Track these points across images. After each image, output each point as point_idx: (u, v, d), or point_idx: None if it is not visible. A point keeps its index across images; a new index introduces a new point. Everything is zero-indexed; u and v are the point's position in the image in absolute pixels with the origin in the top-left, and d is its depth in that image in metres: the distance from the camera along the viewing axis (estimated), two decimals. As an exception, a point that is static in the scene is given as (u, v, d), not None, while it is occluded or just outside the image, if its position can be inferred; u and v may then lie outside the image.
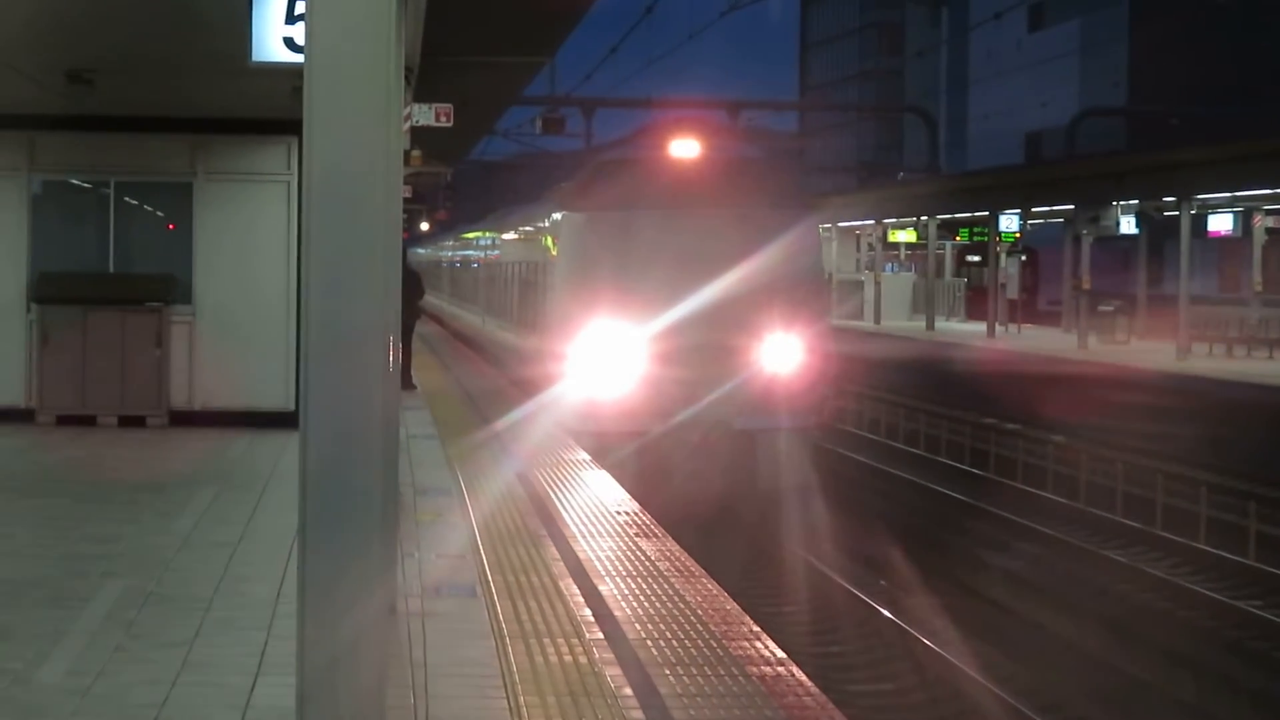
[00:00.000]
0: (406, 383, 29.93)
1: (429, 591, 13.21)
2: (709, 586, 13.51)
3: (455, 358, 45.83)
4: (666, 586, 13.58)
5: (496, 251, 44.39)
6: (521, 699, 10.16)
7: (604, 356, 27.54)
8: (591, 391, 27.48)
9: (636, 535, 16.07)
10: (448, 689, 10.35)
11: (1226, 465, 29.63)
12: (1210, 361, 42.84)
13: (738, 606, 12.77)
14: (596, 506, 17.93)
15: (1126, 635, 22.13)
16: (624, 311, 27.47)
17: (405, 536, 14.87)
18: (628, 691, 10.35)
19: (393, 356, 8.64)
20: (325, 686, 5.69)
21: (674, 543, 15.88)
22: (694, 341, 27.23)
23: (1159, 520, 28.05)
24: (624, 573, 14.21)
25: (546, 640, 11.73)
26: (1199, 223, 47.60)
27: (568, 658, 11.23)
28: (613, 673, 10.79)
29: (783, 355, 28.14)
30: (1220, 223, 48.38)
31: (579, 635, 11.93)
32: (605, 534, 16.13)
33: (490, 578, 13.83)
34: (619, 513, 17.44)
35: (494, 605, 12.81)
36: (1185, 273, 46.16)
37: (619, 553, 15.16)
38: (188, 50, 18.07)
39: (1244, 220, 46.85)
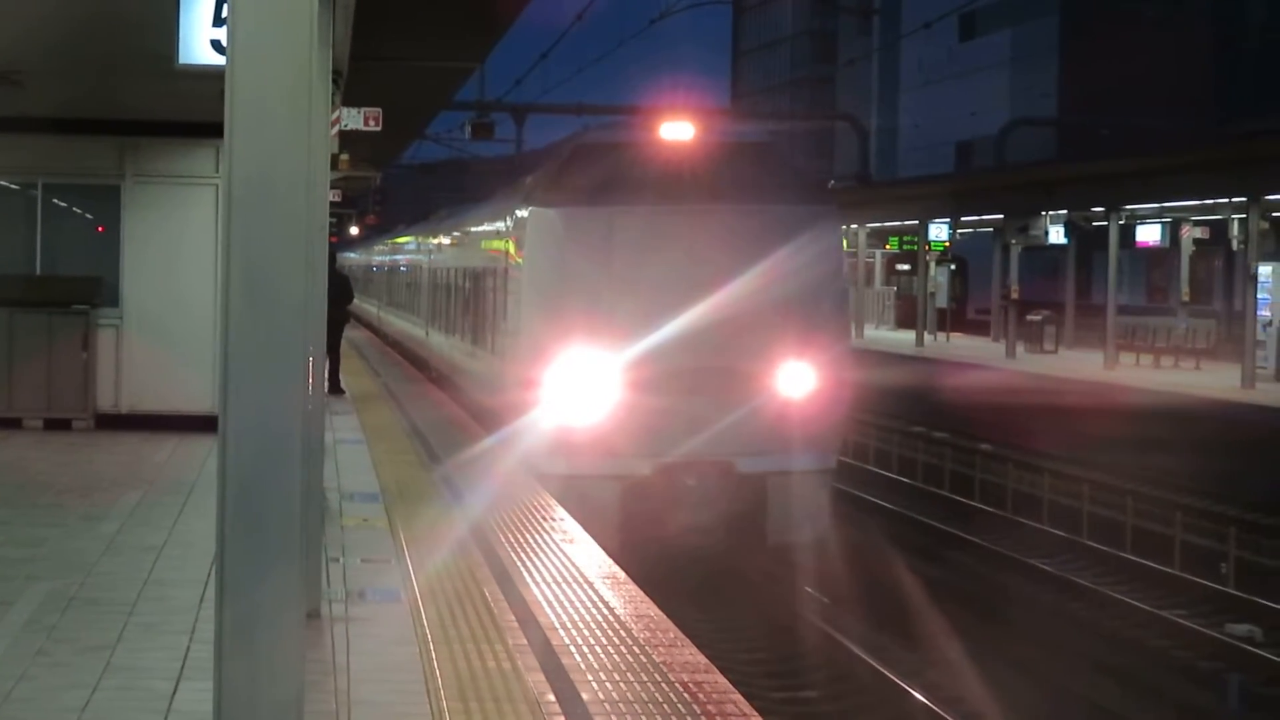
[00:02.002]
0: (335, 388, 29.90)
1: (353, 596, 13.21)
2: (634, 592, 13.51)
3: (386, 363, 45.71)
4: (590, 593, 13.59)
5: (445, 255, 37.62)
6: (445, 704, 10.18)
7: (579, 383, 21.85)
8: (563, 425, 22.00)
9: (563, 541, 16.09)
10: (371, 694, 10.36)
11: (1146, 474, 29.93)
12: (1137, 371, 43.12)
13: (661, 613, 12.78)
14: (525, 511, 17.97)
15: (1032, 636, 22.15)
16: (604, 329, 21.89)
17: (330, 541, 14.86)
18: (550, 698, 10.37)
19: (315, 362, 8.63)
20: (244, 692, 5.68)
21: (599, 549, 15.68)
22: (690, 366, 21.89)
23: (1085, 530, 28.29)
24: (549, 579, 14.21)
25: (470, 645, 11.74)
26: (1127, 233, 47.90)
27: (491, 663, 11.25)
28: (536, 679, 10.82)
29: (797, 383, 22.42)
30: (1148, 233, 48.70)
31: (503, 641, 11.95)
32: (530, 535, 16.16)
33: (415, 583, 13.82)
34: (545, 519, 17.46)
35: (418, 610, 12.81)
36: (1113, 283, 46.46)
37: (544, 558, 15.17)
38: (116, 52, 18.05)
39: (1172, 231, 47.13)
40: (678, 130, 23.43)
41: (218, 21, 9.29)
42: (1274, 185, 37.53)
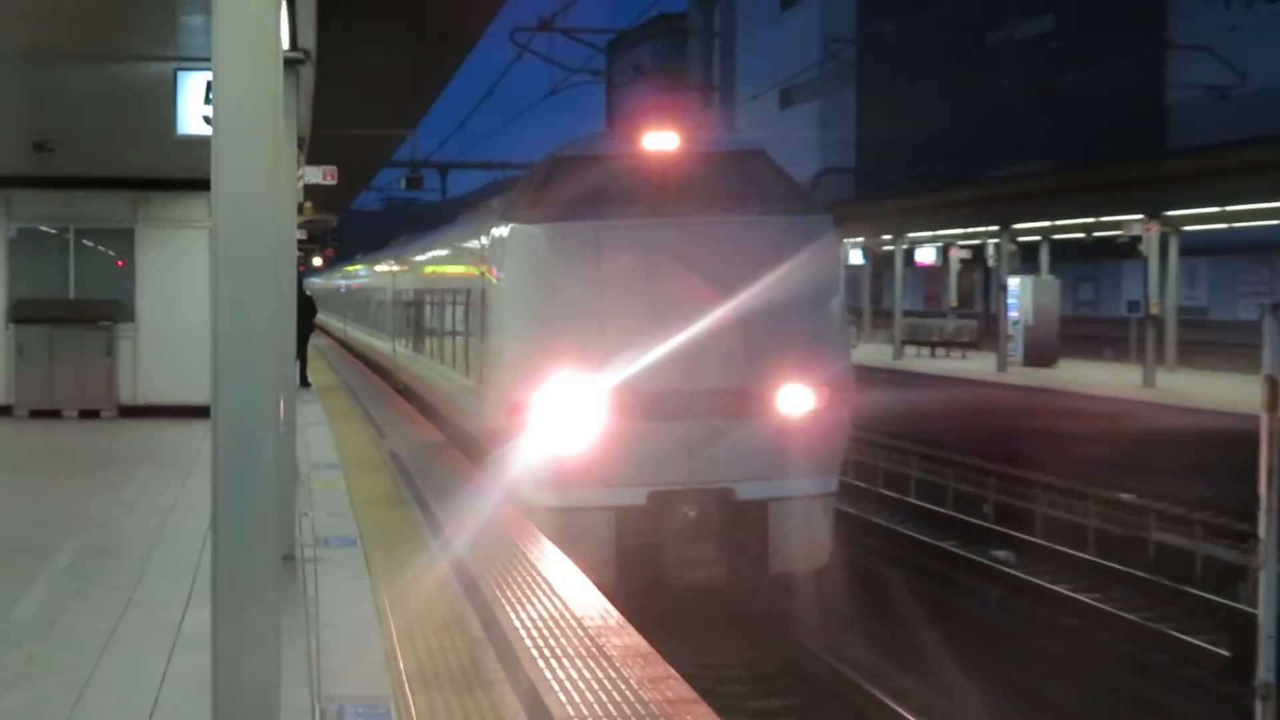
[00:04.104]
0: (303, 382, 29.77)
1: (320, 542, 13.18)
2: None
3: (345, 365, 45.44)
4: (510, 546, 13.54)
5: (411, 277, 31.10)
6: (391, 620, 10.19)
7: (566, 407, 16.34)
8: (550, 454, 16.42)
9: (467, 485, 16.06)
10: (332, 617, 10.34)
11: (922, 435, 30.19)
12: (919, 360, 43.53)
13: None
14: (448, 466, 17.97)
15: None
16: (592, 350, 16.42)
17: (301, 501, 14.81)
18: (473, 615, 10.38)
19: (286, 362, 8.64)
20: (235, 619, 5.69)
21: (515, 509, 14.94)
22: (685, 388, 16.43)
23: (880, 480, 28.48)
24: (472, 526, 14.20)
25: (406, 575, 11.76)
26: (909, 255, 48.19)
27: (424, 586, 11.28)
28: (456, 592, 10.85)
29: (798, 403, 16.88)
30: (925, 255, 48.92)
31: (438, 567, 11.97)
32: (445, 476, 16.12)
33: (369, 535, 13.80)
34: (462, 474, 17.41)
35: (368, 552, 12.80)
36: (899, 293, 46.98)
37: (466, 509, 15.14)
38: (128, 125, 17.95)
39: (943, 253, 47.44)
40: (662, 139, 17.51)
41: (207, 101, 9.30)
42: (1019, 217, 37.92)
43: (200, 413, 7.46)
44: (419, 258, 29.89)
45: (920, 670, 16.01)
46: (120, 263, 25.23)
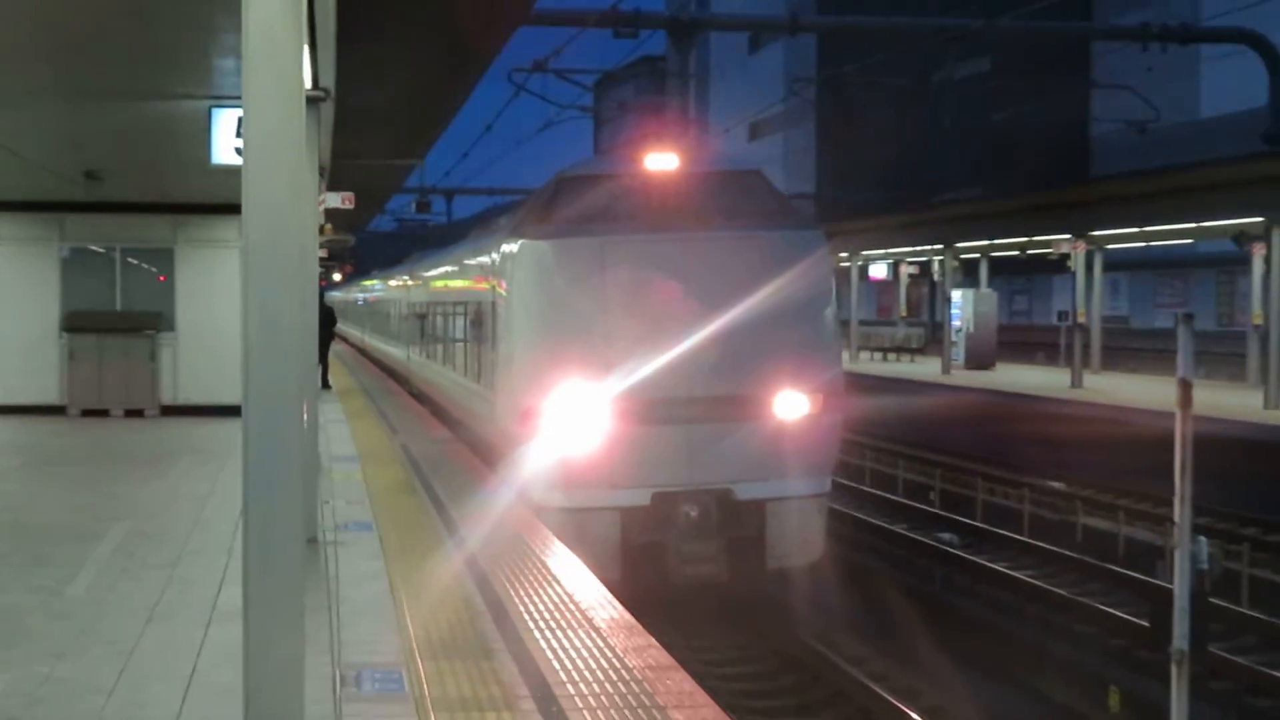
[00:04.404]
0: (324, 385, 29.75)
1: (339, 527, 13.19)
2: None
3: (363, 370, 45.37)
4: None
5: (426, 290, 29.77)
6: (403, 595, 10.20)
7: (573, 413, 15.54)
8: (558, 457, 15.59)
9: (476, 479, 16.06)
10: (351, 593, 10.36)
11: (874, 430, 30.22)
12: (872, 364, 43.59)
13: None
14: (454, 456, 17.97)
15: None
16: (598, 359, 15.64)
17: (323, 490, 14.81)
18: (478, 594, 10.40)
19: (309, 366, 8.67)
20: (264, 594, 5.69)
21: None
22: (686, 394, 15.69)
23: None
24: (475, 515, 14.20)
25: (416, 555, 11.76)
26: (864, 270, 48.24)
27: (432, 565, 11.29)
28: (461, 570, 10.86)
29: (793, 408, 16.11)
30: (878, 270, 48.95)
31: (445, 549, 11.98)
32: (453, 469, 16.13)
33: (383, 520, 13.81)
34: (467, 464, 17.41)
35: (383, 536, 12.80)
36: (855, 304, 47.04)
37: (469, 497, 15.16)
38: (168, 156, 17.94)
39: (894, 268, 47.51)
40: (662, 160, 16.85)
41: (238, 134, 9.33)
42: (961, 236, 37.98)
43: (233, 412, 7.43)
44: (431, 272, 29.27)
45: (879, 640, 16.08)
46: (162, 278, 25.26)
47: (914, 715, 13.18)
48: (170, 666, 8.44)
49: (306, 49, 8.69)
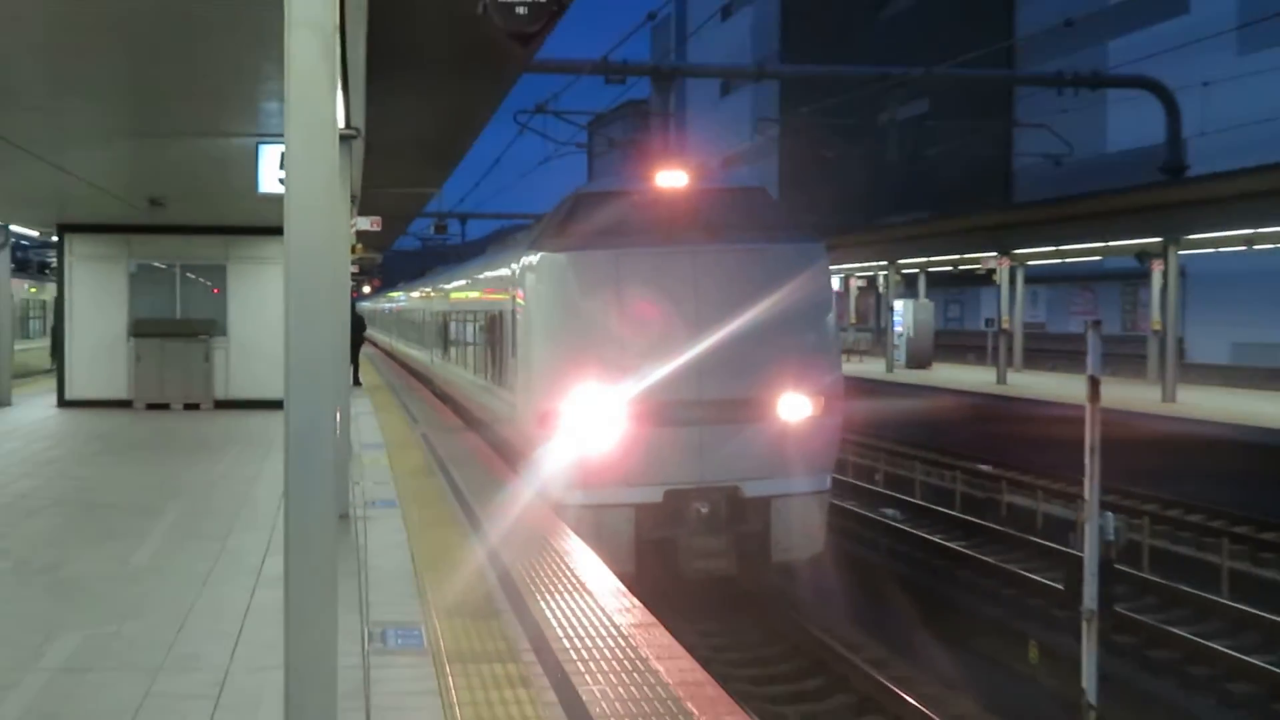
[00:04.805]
0: (355, 381, 29.72)
1: (368, 504, 13.18)
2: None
3: (390, 371, 45.27)
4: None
5: (447, 300, 28.17)
6: (419, 562, 10.19)
7: (591, 416, 14.50)
8: (577, 457, 14.50)
9: (490, 469, 16.04)
10: (378, 561, 10.35)
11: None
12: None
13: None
14: (466, 437, 18.00)
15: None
16: (614, 364, 14.58)
17: (353, 471, 14.80)
18: (487, 563, 10.39)
19: (342, 366, 8.66)
20: (302, 562, 5.68)
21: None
22: (696, 398, 14.64)
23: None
24: (488, 495, 14.19)
25: (437, 529, 11.74)
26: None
27: (451, 536, 11.26)
28: (477, 550, 10.86)
29: (796, 411, 15.01)
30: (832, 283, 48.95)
31: (458, 524, 11.96)
32: (461, 448, 16.12)
33: (406, 498, 13.79)
34: (477, 450, 17.40)
35: (405, 511, 12.79)
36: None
37: (481, 480, 15.14)
38: (220, 185, 17.94)
39: (844, 281, 47.50)
40: (672, 178, 15.72)
41: (281, 167, 9.31)
42: (903, 254, 38.01)
43: (276, 405, 7.46)
44: (452, 284, 28.40)
45: (832, 600, 16.08)
46: (215, 290, 25.25)
47: (859, 662, 13.17)
48: (221, 625, 8.43)
49: (340, 94, 8.68)
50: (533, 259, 15.58)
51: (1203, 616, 14.79)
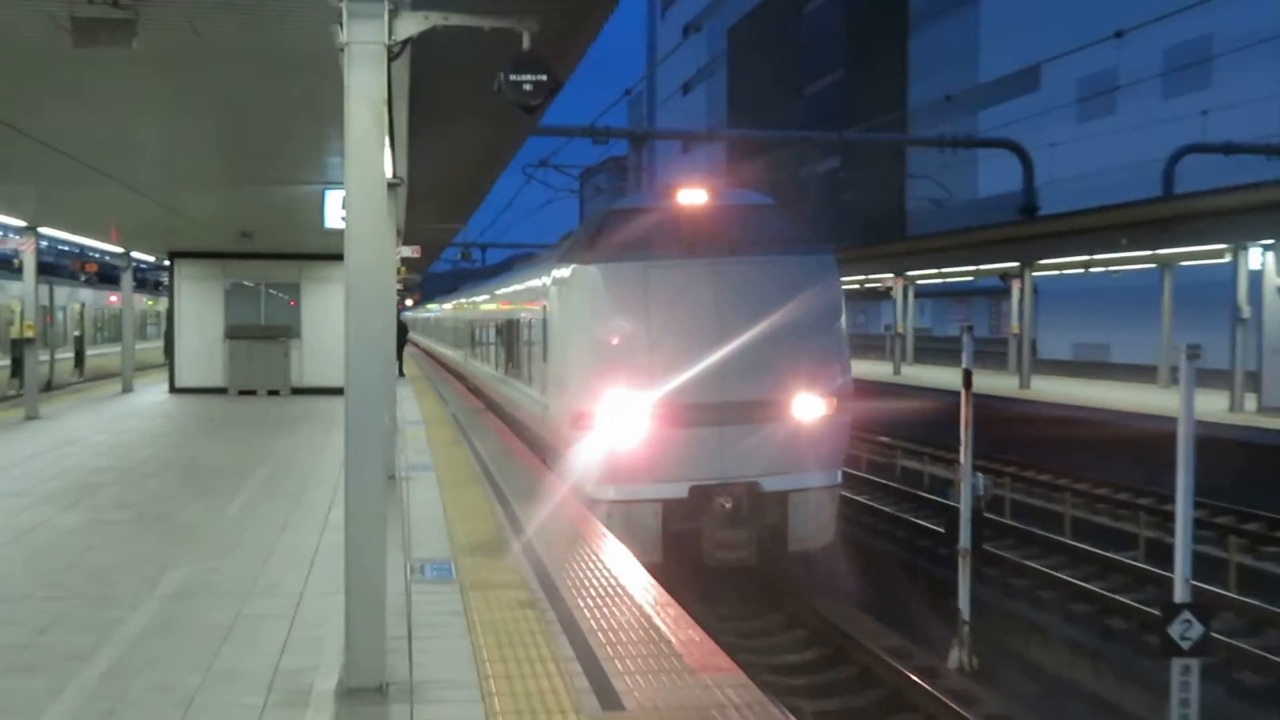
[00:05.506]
0: (400, 373, 29.61)
1: (410, 469, 13.13)
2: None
3: (428, 366, 45.13)
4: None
5: (482, 309, 25.31)
6: (449, 513, 10.16)
7: (621, 417, 12.41)
8: (608, 455, 12.39)
9: (504, 441, 16.01)
10: (417, 513, 10.33)
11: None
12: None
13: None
14: (488, 417, 18.03)
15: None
16: (643, 368, 12.50)
17: (399, 442, 14.77)
18: (502, 514, 10.37)
19: (389, 360, 8.65)
20: (362, 506, 5.68)
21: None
22: (718, 400, 12.52)
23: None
24: (502, 462, 14.14)
25: (464, 488, 11.72)
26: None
27: (475, 493, 11.24)
28: (487, 495, 10.83)
29: (810, 411, 12.80)
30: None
31: (480, 484, 11.94)
32: (493, 440, 16.08)
33: (440, 464, 13.75)
34: (497, 431, 17.36)
35: (439, 473, 12.76)
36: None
37: (497, 449, 15.09)
38: (294, 220, 17.86)
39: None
40: (693, 195, 13.49)
41: (343, 207, 9.30)
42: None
43: (338, 392, 7.43)
44: (480, 297, 26.42)
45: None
46: (291, 303, 25.14)
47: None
48: (296, 562, 8.41)
49: (387, 151, 8.67)
50: (565, 272, 13.44)
51: (1049, 554, 14.86)
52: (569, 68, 8.37)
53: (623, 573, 7.95)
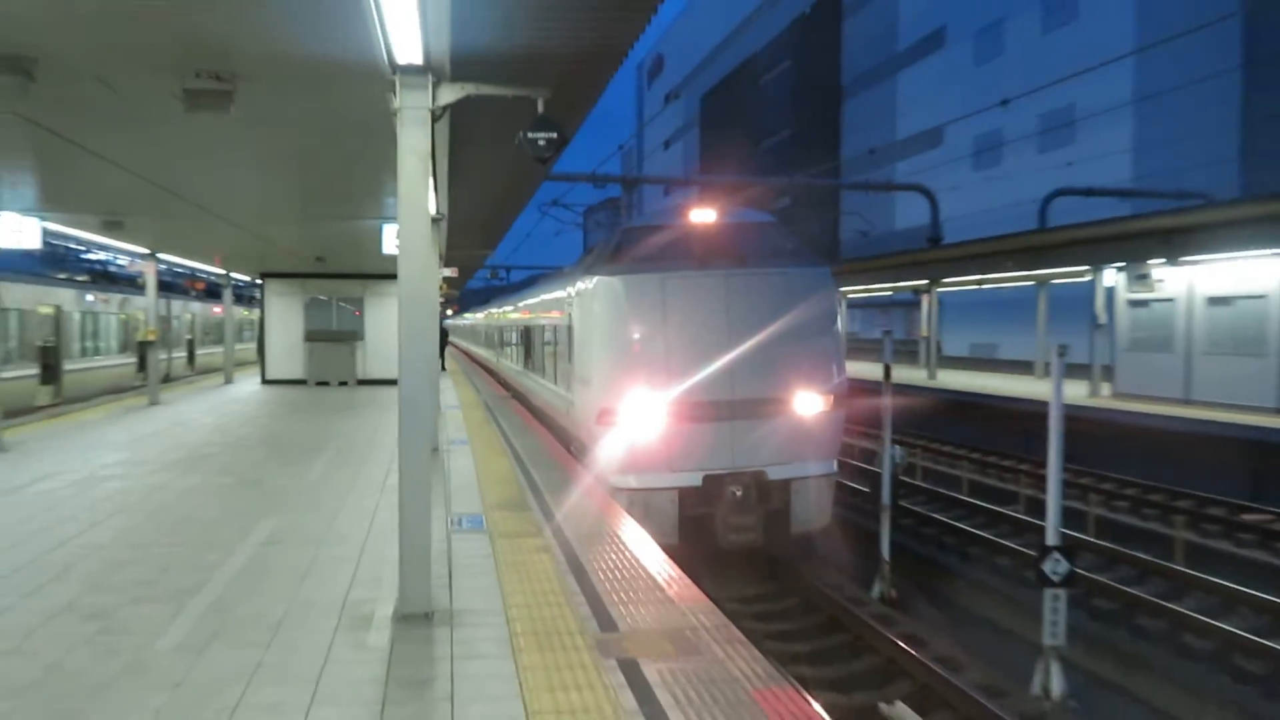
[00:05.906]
0: (442, 368, 29.49)
1: (450, 443, 13.08)
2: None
3: (463, 363, 44.95)
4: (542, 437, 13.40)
5: (512, 317, 23.58)
6: (481, 478, 10.13)
7: (642, 413, 11.16)
8: (630, 448, 11.12)
9: (525, 422, 15.97)
10: (456, 479, 10.27)
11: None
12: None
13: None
14: (511, 403, 17.99)
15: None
16: (660, 370, 11.24)
17: (440, 422, 14.71)
18: (523, 479, 10.32)
19: (433, 356, 8.61)
20: (412, 472, 5.66)
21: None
22: (728, 398, 11.28)
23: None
24: (524, 437, 14.07)
25: (493, 458, 11.68)
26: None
27: (504, 463, 11.21)
28: (511, 463, 10.79)
29: (810, 407, 11.51)
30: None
31: (507, 456, 11.89)
32: (517, 421, 16.04)
33: (473, 439, 13.70)
34: (520, 414, 17.32)
35: (473, 446, 12.72)
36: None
37: (520, 427, 15.04)
38: (358, 248, 17.77)
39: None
40: (704, 214, 12.11)
41: (396, 237, 9.31)
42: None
43: (393, 383, 7.39)
44: (510, 307, 25.02)
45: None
46: (357, 313, 25.01)
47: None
48: (359, 517, 8.38)
49: (432, 193, 8.64)
50: (590, 283, 12.01)
51: (950, 508, 14.88)
52: (575, 127, 8.35)
53: (617, 525, 7.96)
